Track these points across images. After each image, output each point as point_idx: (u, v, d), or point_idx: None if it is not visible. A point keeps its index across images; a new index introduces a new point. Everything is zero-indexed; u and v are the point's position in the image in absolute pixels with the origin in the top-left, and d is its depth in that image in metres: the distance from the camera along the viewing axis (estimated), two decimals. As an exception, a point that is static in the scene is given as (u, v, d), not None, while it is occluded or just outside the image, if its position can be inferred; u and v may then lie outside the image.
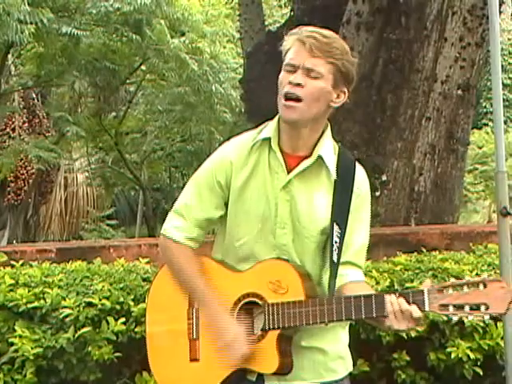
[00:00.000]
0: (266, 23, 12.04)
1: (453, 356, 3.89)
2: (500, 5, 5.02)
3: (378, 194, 6.71)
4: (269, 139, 2.61)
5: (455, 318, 2.28)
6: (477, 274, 4.15)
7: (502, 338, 3.89)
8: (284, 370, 2.53)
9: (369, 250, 2.64)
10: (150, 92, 12.85)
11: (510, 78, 21.50)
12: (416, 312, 2.32)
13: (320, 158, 2.58)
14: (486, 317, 2.25)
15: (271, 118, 2.68)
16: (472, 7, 6.82)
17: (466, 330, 3.94)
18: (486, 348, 3.91)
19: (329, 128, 2.65)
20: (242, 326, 2.57)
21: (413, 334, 3.89)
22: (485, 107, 19.67)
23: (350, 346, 2.74)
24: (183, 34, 10.51)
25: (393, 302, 2.36)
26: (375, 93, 6.86)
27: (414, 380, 4.02)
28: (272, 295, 2.53)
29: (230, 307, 2.59)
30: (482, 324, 3.91)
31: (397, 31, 6.84)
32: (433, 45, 6.83)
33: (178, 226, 2.73)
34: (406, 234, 5.68)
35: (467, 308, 2.25)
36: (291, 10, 10.42)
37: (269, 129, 2.63)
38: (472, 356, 3.88)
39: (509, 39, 22.55)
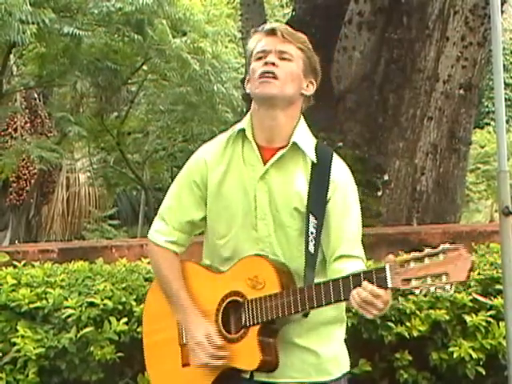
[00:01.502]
0: (268, 23, 12.02)
1: (455, 355, 3.88)
2: (502, 4, 5.03)
3: (379, 193, 6.71)
4: (243, 130, 2.64)
5: (417, 292, 2.26)
6: (479, 274, 4.15)
7: (504, 338, 3.88)
8: (267, 367, 2.54)
9: (371, 250, 2.64)
10: (152, 92, 12.85)
11: (511, 77, 21.48)
12: (386, 294, 2.29)
13: (295, 144, 2.59)
14: (447, 286, 2.21)
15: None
16: (474, 6, 6.81)
17: (468, 329, 3.94)
18: (489, 347, 3.90)
19: (303, 122, 2.67)
20: (213, 326, 2.59)
21: (415, 333, 3.89)
22: (487, 106, 19.64)
23: (351, 345, 2.74)
24: (185, 34, 10.51)
25: (365, 288, 2.31)
26: (377, 92, 6.86)
27: (416, 380, 4.01)
28: (251, 291, 2.55)
29: (215, 308, 2.62)
30: (484, 323, 3.90)
31: (398, 31, 6.84)
32: (435, 44, 6.82)
33: (160, 230, 2.78)
34: (407, 233, 5.68)
35: (429, 279, 2.22)
36: (293, 10, 10.40)
37: (243, 122, 2.67)
38: (474, 355, 3.87)
39: (510, 38, 22.51)
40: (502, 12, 4.99)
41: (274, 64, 2.53)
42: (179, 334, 2.70)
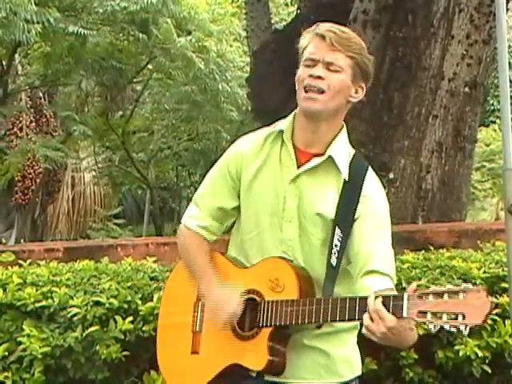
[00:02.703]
0: (273, 21, 12.01)
1: (461, 354, 3.88)
2: (507, 2, 5.01)
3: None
4: (282, 132, 2.62)
5: (431, 326, 2.22)
6: (484, 272, 4.15)
7: (510, 336, 3.88)
8: (273, 369, 2.54)
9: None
10: (157, 91, 12.86)
11: (517, 75, 21.41)
12: (391, 321, 2.25)
13: (330, 157, 2.57)
14: (462, 327, 2.18)
15: (279, 117, 2.69)
16: (479, 4, 6.80)
17: (474, 327, 3.93)
18: (494, 346, 3.91)
19: (345, 130, 2.66)
20: (232, 290, 2.59)
21: (420, 331, 3.88)
22: (492, 104, 19.58)
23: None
24: (190, 33, 10.51)
25: (371, 305, 2.29)
26: (382, 91, 6.85)
27: (421, 378, 4.02)
28: (269, 293, 2.55)
29: None
30: (490, 322, 3.90)
31: (403, 29, 6.83)
32: (440, 42, 6.81)
33: (192, 215, 2.80)
34: (413, 231, 5.67)
35: (445, 317, 2.19)
36: (297, 8, 10.42)
37: (284, 122, 2.65)
38: (480, 354, 3.87)
39: (516, 36, 22.46)
40: (508, 10, 4.98)
41: (320, 77, 2.50)
42: (194, 320, 2.72)
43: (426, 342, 3.96)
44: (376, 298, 2.29)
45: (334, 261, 2.52)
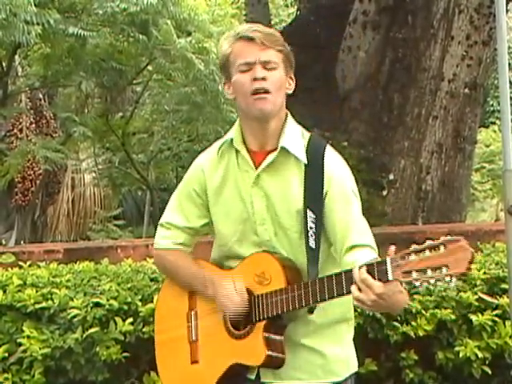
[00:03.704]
0: (273, 23, 12.02)
1: (461, 355, 3.88)
2: (507, 3, 5.02)
3: (385, 193, 6.71)
4: (232, 140, 2.66)
5: (417, 284, 2.23)
6: (484, 273, 4.15)
7: (510, 337, 3.88)
8: (272, 363, 2.55)
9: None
10: (157, 92, 12.84)
11: (517, 76, 21.42)
12: (379, 287, 2.26)
13: (283, 149, 2.59)
14: (447, 278, 2.19)
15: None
16: (479, 5, 6.81)
17: (474, 329, 3.94)
18: (495, 347, 3.91)
19: (290, 117, 2.67)
20: (234, 284, 2.60)
21: (421, 333, 3.89)
22: (492, 105, 19.60)
23: (357, 345, 2.73)
24: (190, 34, 10.49)
25: (357, 275, 2.31)
26: (382, 92, 6.85)
27: (422, 379, 4.01)
28: (258, 287, 2.58)
29: None
30: (490, 323, 3.90)
31: (403, 30, 6.84)
32: (439, 43, 6.82)
33: (165, 236, 2.83)
34: (413, 233, 5.67)
35: (429, 272, 2.21)
36: (297, 10, 10.41)
37: (232, 131, 2.69)
38: (480, 355, 3.87)
39: (516, 37, 22.46)
40: (507, 10, 4.98)
41: (263, 78, 2.53)
42: (189, 330, 2.73)
43: (426, 343, 3.96)
44: (360, 268, 2.31)
45: (312, 243, 2.53)
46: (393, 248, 2.32)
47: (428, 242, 2.26)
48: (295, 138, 2.63)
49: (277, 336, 2.56)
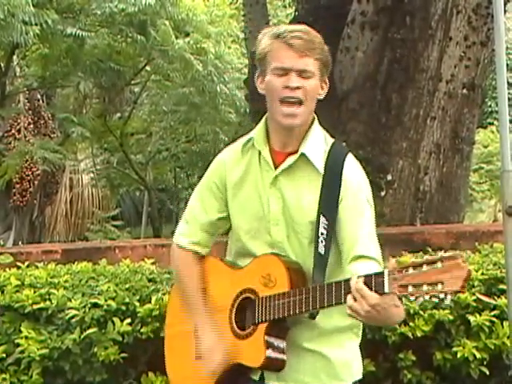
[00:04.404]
0: (271, 23, 12.01)
1: (459, 355, 3.88)
2: (505, 4, 5.02)
3: (382, 193, 6.70)
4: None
5: (412, 299, 2.23)
6: (482, 274, 4.15)
7: (508, 338, 3.88)
8: (272, 365, 2.56)
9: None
10: (155, 93, 12.86)
11: (515, 76, 21.43)
12: (373, 298, 2.26)
13: (303, 155, 2.59)
14: (442, 295, 2.18)
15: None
16: (477, 6, 6.81)
17: (472, 329, 3.94)
18: (492, 347, 3.91)
19: (316, 122, 2.67)
20: (220, 337, 2.63)
21: (418, 333, 3.89)
22: (490, 106, 19.60)
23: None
24: (188, 35, 10.51)
25: (353, 285, 2.31)
26: (380, 92, 6.85)
27: (419, 380, 4.02)
28: (263, 289, 2.58)
29: (230, 304, 2.65)
30: (488, 323, 3.90)
31: (401, 31, 6.83)
32: (437, 44, 6.81)
33: (183, 232, 2.83)
34: (411, 233, 5.67)
35: (425, 287, 2.20)
36: (295, 10, 10.40)
37: (256, 128, 2.68)
38: (478, 355, 3.88)
39: (514, 38, 22.46)
40: (505, 11, 4.98)
41: (298, 88, 2.51)
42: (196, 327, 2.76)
43: (424, 344, 3.96)
44: (358, 278, 2.31)
45: (321, 249, 2.53)
46: (393, 261, 2.33)
47: (426, 257, 2.26)
48: (317, 144, 2.63)
49: (278, 339, 2.56)
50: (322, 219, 2.54)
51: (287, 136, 2.60)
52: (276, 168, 2.62)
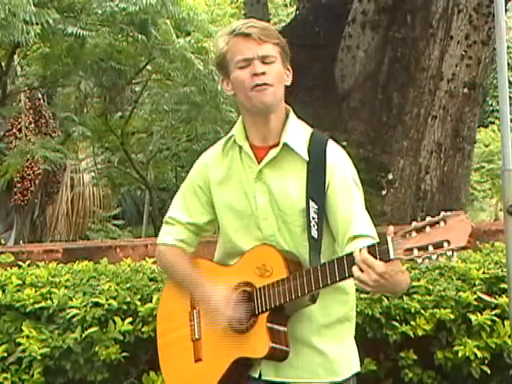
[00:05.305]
0: (272, 22, 12.03)
1: (460, 355, 3.88)
2: (506, 3, 5.02)
3: (384, 192, 6.71)
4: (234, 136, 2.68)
5: (419, 261, 2.23)
6: (483, 273, 4.15)
7: (509, 337, 3.88)
8: (276, 354, 2.54)
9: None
10: (156, 92, 12.84)
11: (516, 75, 21.41)
12: (380, 266, 2.26)
13: (285, 145, 2.61)
14: (449, 253, 2.19)
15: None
16: (478, 5, 6.81)
17: (473, 328, 3.94)
18: (494, 346, 3.91)
19: (292, 113, 2.69)
20: (228, 292, 2.61)
21: (420, 332, 3.89)
22: (491, 105, 19.60)
23: (356, 344, 2.73)
24: (189, 34, 10.49)
25: (358, 256, 2.32)
26: (381, 91, 6.86)
27: (421, 379, 4.02)
28: (259, 280, 2.57)
29: None
30: (489, 322, 3.90)
31: (402, 30, 6.84)
32: (439, 43, 6.82)
33: (168, 232, 2.85)
34: (412, 232, 5.66)
35: (431, 248, 2.21)
36: (297, 9, 10.41)
37: (235, 127, 2.70)
38: (479, 355, 3.87)
39: (515, 37, 22.45)
40: (506, 10, 4.98)
41: (263, 73, 2.55)
42: (191, 329, 2.73)
43: (425, 343, 3.96)
44: (361, 249, 2.32)
45: (314, 233, 2.54)
46: (391, 228, 2.31)
47: (428, 219, 2.26)
48: (297, 133, 2.65)
49: (280, 327, 2.55)
50: (312, 204, 2.55)
51: (265, 126, 2.62)
52: (259, 163, 2.63)
